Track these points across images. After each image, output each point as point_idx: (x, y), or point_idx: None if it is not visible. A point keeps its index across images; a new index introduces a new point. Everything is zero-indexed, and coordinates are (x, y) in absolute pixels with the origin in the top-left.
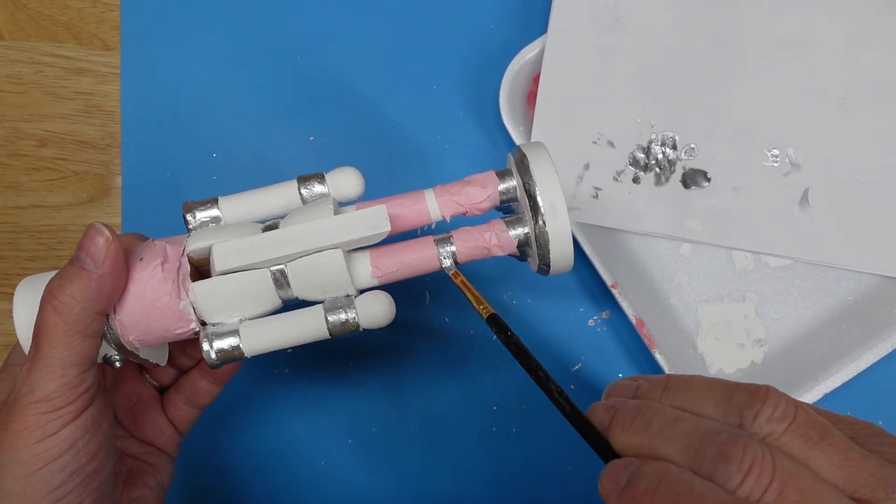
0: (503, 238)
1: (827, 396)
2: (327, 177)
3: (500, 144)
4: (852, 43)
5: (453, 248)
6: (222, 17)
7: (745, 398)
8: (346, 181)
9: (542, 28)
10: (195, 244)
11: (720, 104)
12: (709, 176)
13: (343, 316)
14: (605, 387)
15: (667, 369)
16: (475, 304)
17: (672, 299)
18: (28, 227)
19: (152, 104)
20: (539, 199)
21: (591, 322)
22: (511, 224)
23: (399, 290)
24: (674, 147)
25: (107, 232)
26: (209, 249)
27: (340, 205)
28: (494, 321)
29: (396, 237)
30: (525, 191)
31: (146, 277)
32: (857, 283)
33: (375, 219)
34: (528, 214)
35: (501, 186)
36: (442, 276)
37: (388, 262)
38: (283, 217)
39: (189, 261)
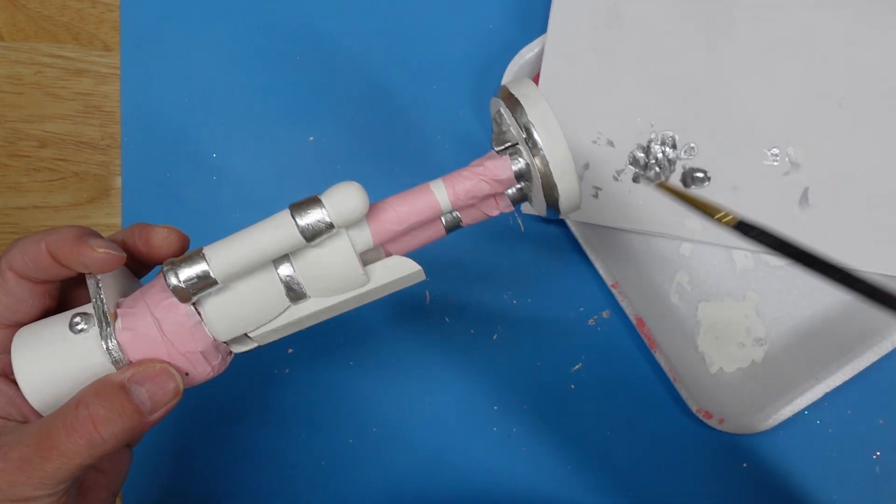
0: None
1: (827, 396)
2: (324, 199)
3: None
4: (852, 42)
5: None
6: (222, 18)
7: None
8: (345, 202)
9: (542, 28)
10: (227, 336)
11: (720, 103)
12: (709, 175)
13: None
14: (606, 387)
15: (667, 369)
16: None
17: (672, 299)
18: (29, 227)
19: (152, 104)
20: (534, 130)
21: (591, 322)
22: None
23: (399, 290)
24: (673, 146)
25: (179, 382)
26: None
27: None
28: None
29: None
30: (519, 125)
31: (200, 378)
32: None
33: (411, 276)
34: (525, 152)
35: (515, 167)
36: (441, 277)
37: (397, 248)
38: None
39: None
